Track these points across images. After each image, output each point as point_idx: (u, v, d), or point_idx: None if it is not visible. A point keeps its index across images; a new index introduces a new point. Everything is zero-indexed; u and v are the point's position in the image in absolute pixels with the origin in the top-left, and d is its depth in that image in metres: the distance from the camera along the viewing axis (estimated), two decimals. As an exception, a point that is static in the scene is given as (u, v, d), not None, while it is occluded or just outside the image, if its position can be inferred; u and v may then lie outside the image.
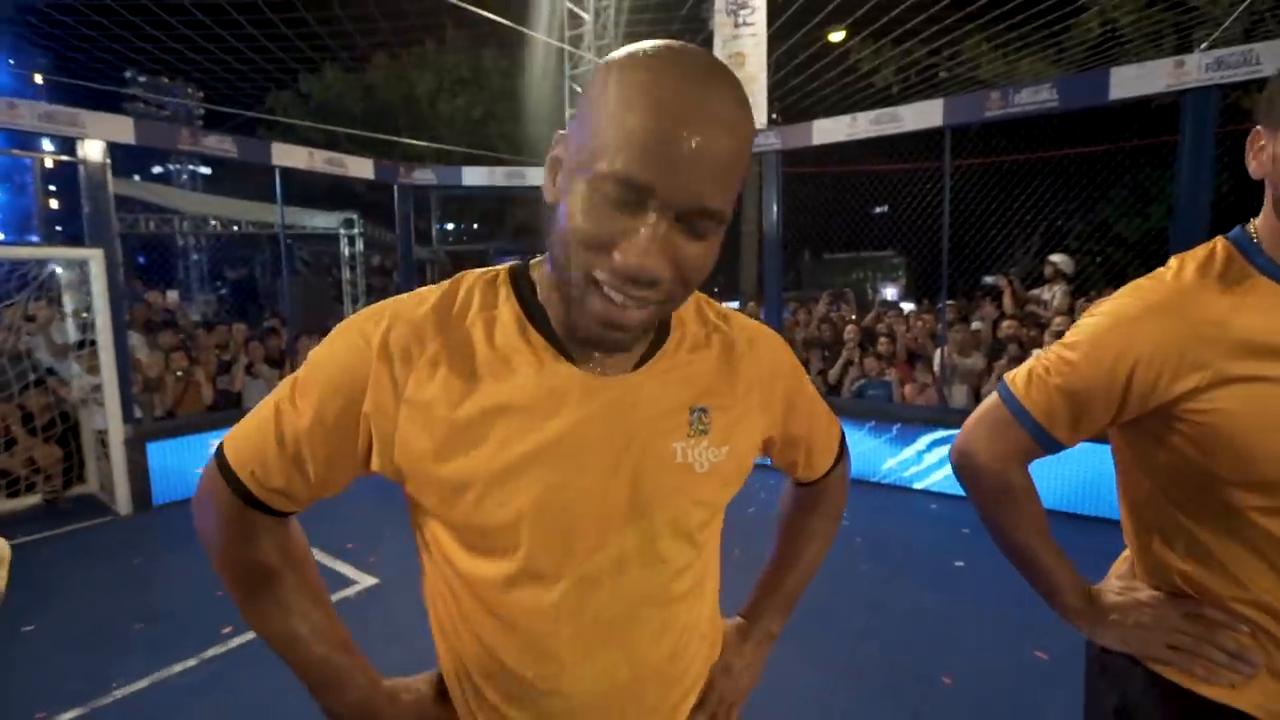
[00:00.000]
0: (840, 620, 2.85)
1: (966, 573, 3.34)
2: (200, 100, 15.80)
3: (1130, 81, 3.65)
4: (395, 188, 6.65)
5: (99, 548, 3.90)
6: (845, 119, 4.94)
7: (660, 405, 0.65)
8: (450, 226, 17.16)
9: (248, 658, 2.65)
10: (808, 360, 5.61)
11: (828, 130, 5.02)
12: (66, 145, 4.41)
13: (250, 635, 2.78)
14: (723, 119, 0.49)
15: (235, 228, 9.83)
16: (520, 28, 8.03)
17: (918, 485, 4.66)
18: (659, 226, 0.50)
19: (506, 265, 0.68)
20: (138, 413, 4.58)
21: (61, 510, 4.44)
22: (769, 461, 0.85)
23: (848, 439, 0.91)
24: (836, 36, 9.99)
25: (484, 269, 0.68)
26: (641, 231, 0.50)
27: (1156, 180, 8.85)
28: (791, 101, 11.66)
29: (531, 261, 0.68)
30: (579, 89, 8.21)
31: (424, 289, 0.65)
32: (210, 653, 2.67)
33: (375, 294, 9.06)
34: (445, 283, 0.65)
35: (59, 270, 4.82)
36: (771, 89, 7.22)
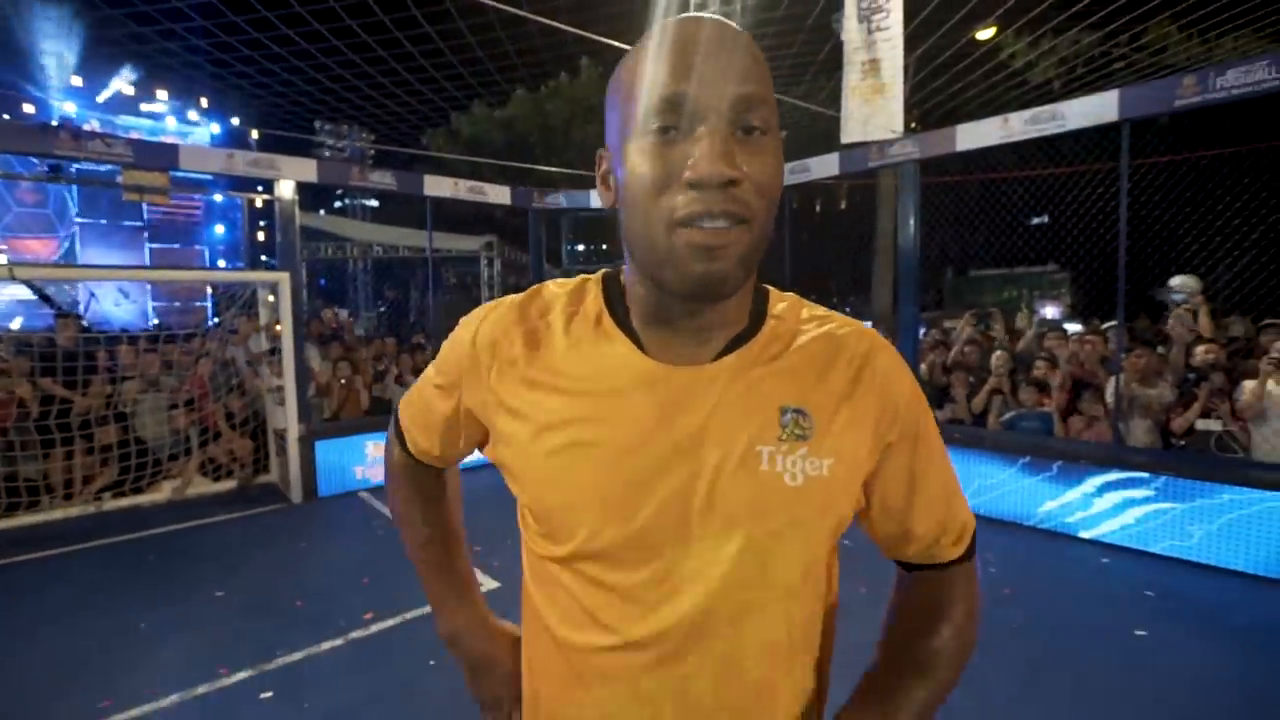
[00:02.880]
0: (987, 682, 2.51)
1: (1150, 644, 2.81)
2: (371, 142, 18.02)
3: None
4: (529, 212, 7.08)
5: (276, 531, 4.47)
6: (996, 121, 4.49)
7: (742, 400, 0.58)
8: (580, 248, 18.01)
9: (385, 643, 2.87)
10: (949, 385, 5.12)
11: (974, 134, 4.59)
12: (263, 186, 5.19)
13: (387, 623, 3.02)
14: (728, 27, 0.54)
15: (395, 252, 11.02)
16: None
17: (1084, 534, 4.04)
18: (713, 134, 0.51)
19: (600, 272, 0.69)
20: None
21: (250, 495, 5.16)
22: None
23: (995, 478, 0.75)
24: (985, 34, 9.20)
25: (573, 279, 0.70)
26: (700, 143, 0.51)
27: None
28: (932, 105, 10.89)
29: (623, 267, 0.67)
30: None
31: (528, 289, 0.70)
32: (354, 635, 2.93)
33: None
34: (534, 286, 0.69)
35: (259, 291, 5.67)
36: (909, 95, 6.79)
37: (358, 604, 3.19)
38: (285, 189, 5.03)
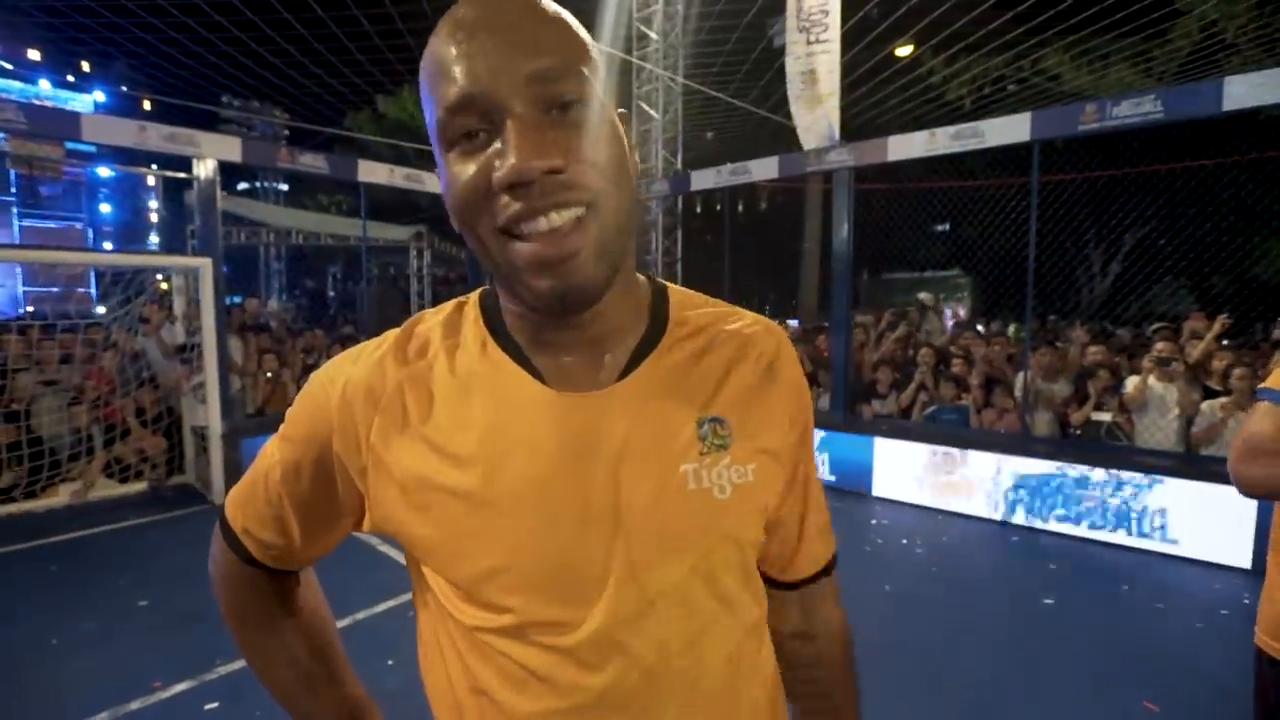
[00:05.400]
0: (918, 650, 2.75)
1: (1057, 610, 3.16)
2: (285, 121, 16.90)
3: (1250, 91, 3.43)
4: (469, 202, 6.92)
5: (198, 534, 4.15)
6: (923, 135, 4.84)
7: (655, 421, 0.54)
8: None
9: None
10: (875, 382, 5.47)
11: (904, 146, 4.93)
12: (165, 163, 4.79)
13: (339, 623, 2.90)
14: (512, 2, 0.47)
15: (317, 239, 10.41)
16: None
17: (996, 515, 4.46)
18: (515, 126, 0.44)
19: (478, 290, 0.61)
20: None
21: (163, 497, 4.77)
22: None
23: (918, 464, 0.75)
24: (904, 50, 9.83)
25: (445, 304, 0.62)
26: (508, 137, 0.44)
27: (1263, 198, 8.27)
28: (849, 116, 11.49)
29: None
30: (646, 106, 8.34)
31: (389, 331, 0.59)
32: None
33: (441, 303, 9.43)
34: (406, 322, 0.60)
35: (172, 277, 5.23)
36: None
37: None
38: (206, 168, 4.67)
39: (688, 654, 0.54)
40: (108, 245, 17.85)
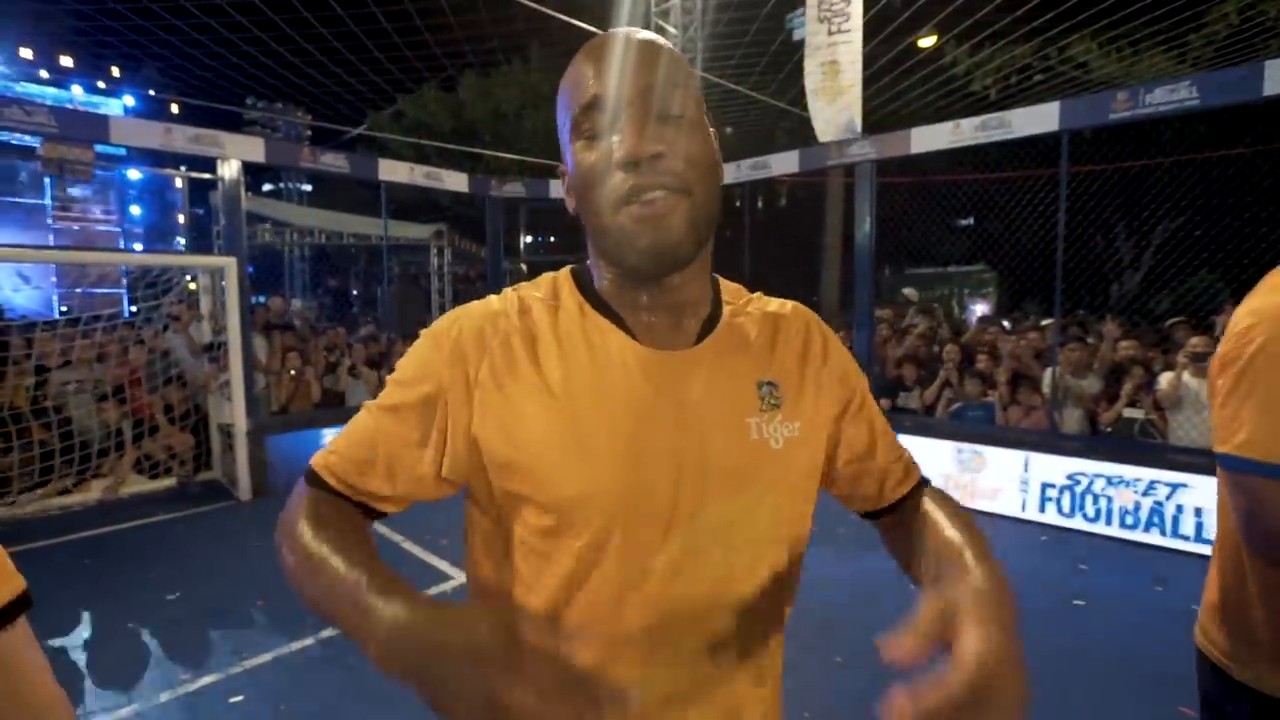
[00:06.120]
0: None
1: (1089, 612, 3.07)
2: (308, 121, 17.13)
3: (1291, 76, 3.29)
4: (487, 200, 6.93)
5: (226, 529, 4.23)
6: (947, 126, 4.73)
7: (726, 379, 0.65)
8: (529, 239, 17.75)
9: (358, 644, 2.78)
10: (901, 377, 5.38)
11: (928, 138, 4.82)
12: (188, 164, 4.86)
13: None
14: (638, 33, 0.62)
15: (340, 239, 10.53)
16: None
17: (1024, 515, 4.35)
18: (630, 119, 0.58)
19: (566, 268, 0.72)
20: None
21: (191, 493, 4.86)
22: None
23: (943, 462, 0.80)
24: (927, 42, 9.62)
25: (538, 278, 0.72)
26: (625, 129, 0.58)
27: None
28: (870, 109, 11.28)
29: (586, 263, 0.71)
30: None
31: (490, 296, 0.69)
32: (325, 633, 2.83)
33: (462, 302, 9.46)
34: (506, 290, 0.70)
35: (198, 276, 5.32)
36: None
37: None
38: (231, 168, 4.74)
39: (748, 580, 0.64)
40: (138, 247, 18.28)
